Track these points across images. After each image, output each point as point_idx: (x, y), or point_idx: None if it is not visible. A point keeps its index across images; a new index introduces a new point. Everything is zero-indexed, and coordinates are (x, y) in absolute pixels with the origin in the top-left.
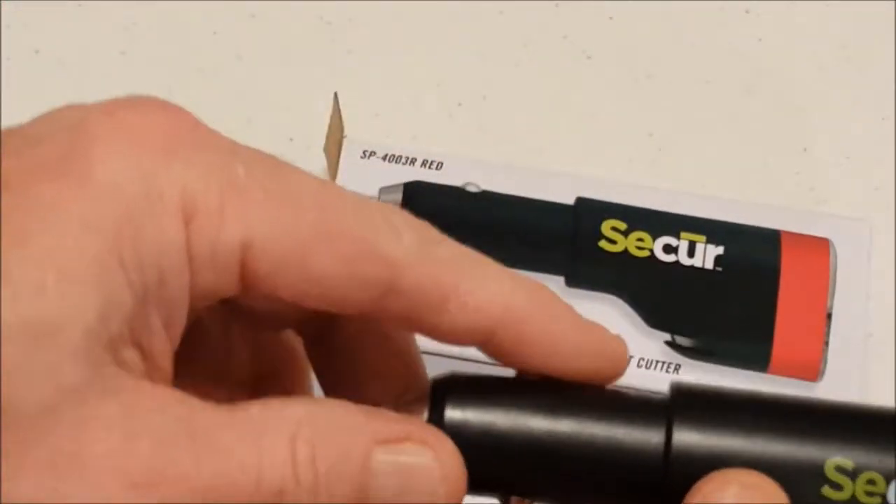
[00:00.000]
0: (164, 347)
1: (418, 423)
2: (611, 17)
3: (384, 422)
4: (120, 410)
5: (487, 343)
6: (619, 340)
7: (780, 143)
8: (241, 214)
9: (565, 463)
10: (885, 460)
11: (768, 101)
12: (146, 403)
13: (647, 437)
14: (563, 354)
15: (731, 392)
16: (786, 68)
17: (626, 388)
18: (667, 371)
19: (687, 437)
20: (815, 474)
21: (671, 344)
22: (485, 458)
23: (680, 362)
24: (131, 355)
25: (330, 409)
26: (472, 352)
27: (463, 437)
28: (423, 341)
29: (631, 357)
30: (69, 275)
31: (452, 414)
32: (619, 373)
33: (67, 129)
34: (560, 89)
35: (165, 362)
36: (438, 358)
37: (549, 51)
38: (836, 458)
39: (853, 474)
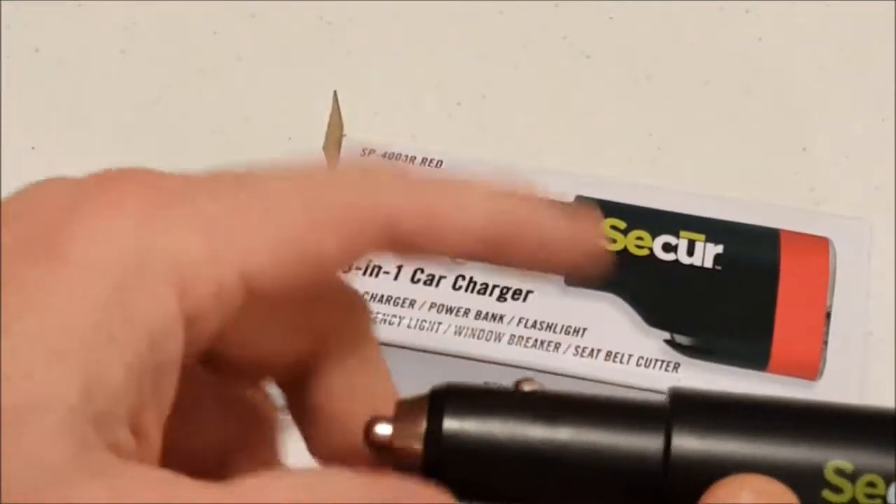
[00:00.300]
0: (153, 418)
1: (421, 487)
2: (610, 17)
3: (384, 488)
4: (109, 494)
5: (489, 254)
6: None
7: (779, 143)
8: (230, 251)
9: (565, 471)
10: (885, 462)
11: (768, 101)
12: (136, 486)
13: (646, 442)
14: (554, 250)
15: (729, 396)
16: (785, 68)
17: (625, 395)
18: (666, 370)
19: (686, 443)
20: (815, 477)
21: (670, 343)
22: (484, 467)
23: (679, 361)
24: (122, 434)
25: (328, 480)
26: (471, 350)
27: (461, 447)
28: (423, 341)
29: (630, 356)
30: (54, 356)
31: (450, 424)
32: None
33: (49, 207)
34: (559, 89)
35: (154, 433)
36: (438, 357)
37: (549, 51)
38: (835, 461)
39: (853, 477)
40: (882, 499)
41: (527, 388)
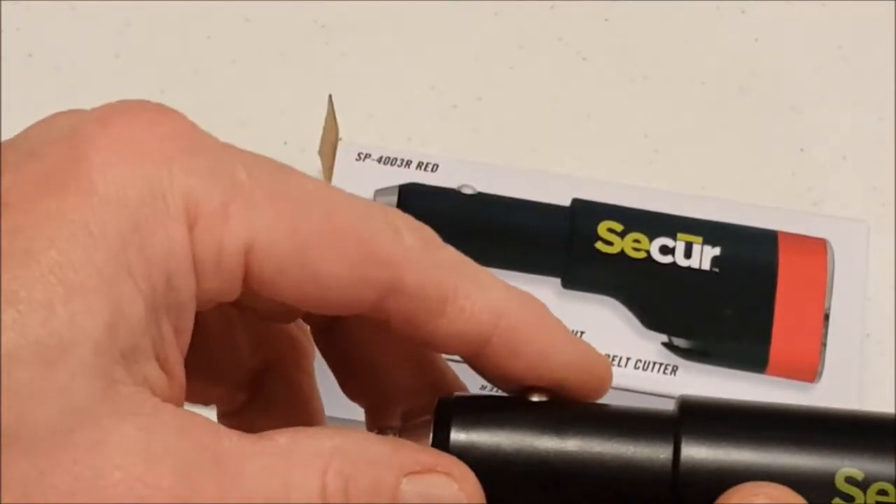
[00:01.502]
0: (176, 356)
1: (442, 456)
2: (606, 19)
3: (411, 453)
4: (138, 435)
5: (480, 352)
6: (605, 358)
7: (776, 144)
8: (244, 218)
9: (573, 482)
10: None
11: (765, 102)
12: (167, 427)
13: (655, 452)
14: (553, 367)
15: (738, 405)
16: (782, 68)
17: (632, 404)
18: (664, 373)
19: (695, 452)
20: (826, 486)
21: (668, 345)
22: (492, 479)
23: (677, 364)
24: (152, 370)
25: (358, 441)
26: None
27: (469, 460)
28: None
29: (628, 359)
30: (76, 289)
31: (458, 436)
32: (604, 390)
33: (64, 140)
34: (555, 91)
35: (179, 371)
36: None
37: (545, 52)
38: (846, 469)
39: (864, 485)
40: None
41: (534, 398)
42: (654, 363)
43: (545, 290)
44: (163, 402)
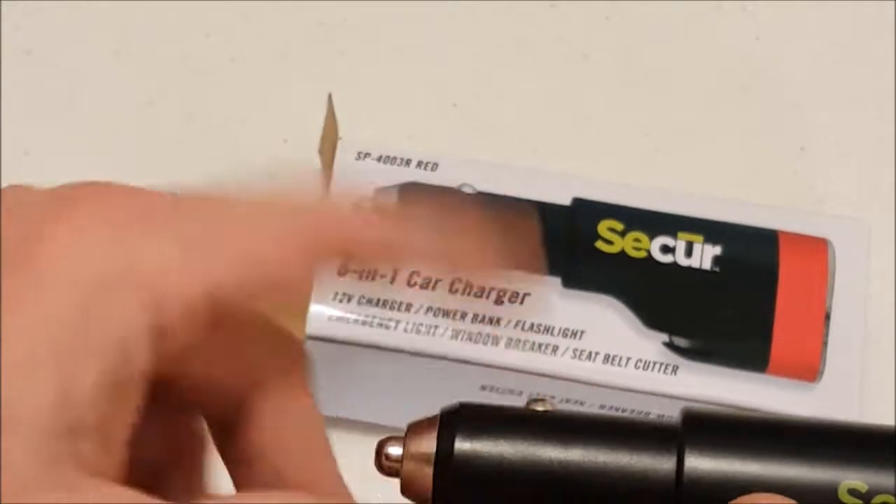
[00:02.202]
0: (122, 430)
1: None
2: (607, 17)
3: None
4: None
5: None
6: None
7: (777, 143)
8: (198, 268)
9: (577, 492)
10: None
11: (766, 101)
12: (92, 500)
13: (658, 463)
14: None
15: (741, 416)
16: (783, 67)
17: (638, 416)
18: (664, 372)
19: (699, 463)
20: (829, 497)
21: (669, 345)
22: (495, 488)
23: (678, 363)
24: (90, 446)
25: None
26: (468, 354)
27: (473, 468)
28: (420, 345)
29: (628, 359)
30: (28, 366)
31: (462, 445)
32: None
33: (19, 218)
34: (555, 89)
35: (120, 447)
36: (435, 361)
37: (545, 51)
38: (849, 481)
39: (867, 497)
40: None
41: (539, 408)
42: (655, 363)
43: (546, 290)
44: (91, 477)
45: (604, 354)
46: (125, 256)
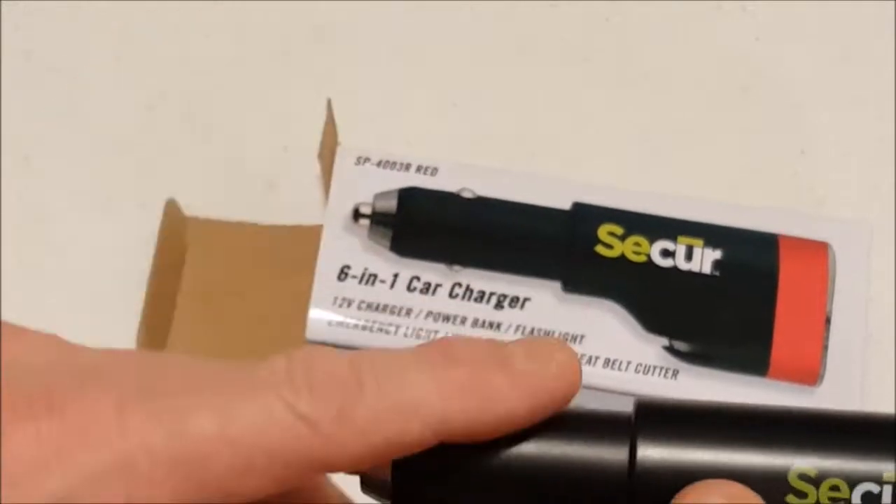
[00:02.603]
0: None
1: None
2: (607, 19)
3: None
4: None
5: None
6: (566, 369)
7: (777, 145)
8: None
9: (531, 485)
10: (847, 465)
11: (766, 103)
12: None
13: (610, 454)
14: (513, 425)
15: (694, 404)
16: (783, 69)
17: (592, 407)
18: (665, 377)
19: (650, 453)
20: (780, 483)
21: (669, 349)
22: (449, 483)
23: (678, 368)
24: None
25: None
26: None
27: (430, 465)
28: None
29: (628, 363)
30: None
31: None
32: (569, 400)
33: None
34: (556, 92)
35: None
36: None
37: (546, 53)
38: (799, 466)
39: (816, 481)
40: (846, 501)
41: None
42: (655, 367)
43: (546, 293)
44: None
45: (604, 358)
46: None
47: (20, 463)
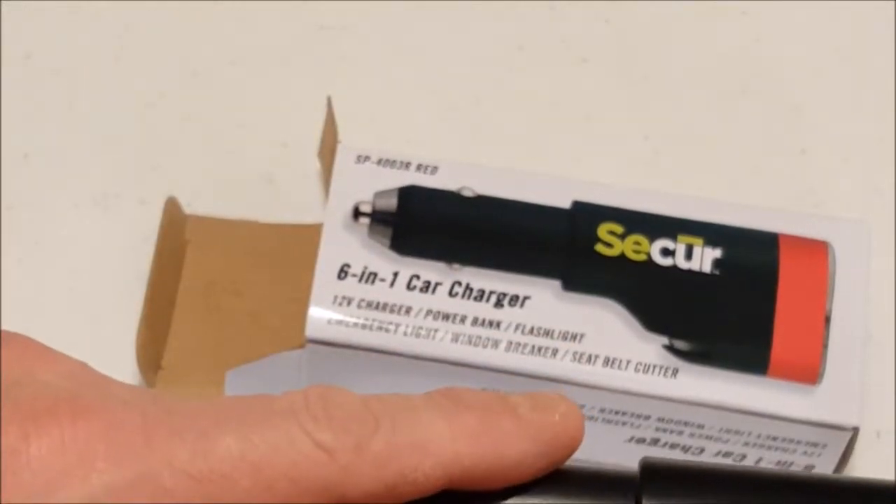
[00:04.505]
0: None
1: None
2: (606, 20)
3: None
4: None
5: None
6: (569, 419)
7: (777, 145)
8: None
9: None
10: None
11: (766, 103)
12: None
13: None
14: (521, 472)
15: (701, 467)
16: (783, 69)
17: (598, 466)
18: (665, 375)
19: None
20: None
21: (669, 348)
22: None
23: (678, 366)
24: None
25: None
26: (468, 357)
27: None
28: (420, 348)
29: (628, 362)
30: None
31: None
32: (573, 449)
33: None
34: (555, 92)
35: None
36: (435, 364)
37: (545, 54)
38: None
39: None
40: None
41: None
42: (655, 366)
43: (545, 292)
44: None
45: (604, 357)
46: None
47: (42, 470)
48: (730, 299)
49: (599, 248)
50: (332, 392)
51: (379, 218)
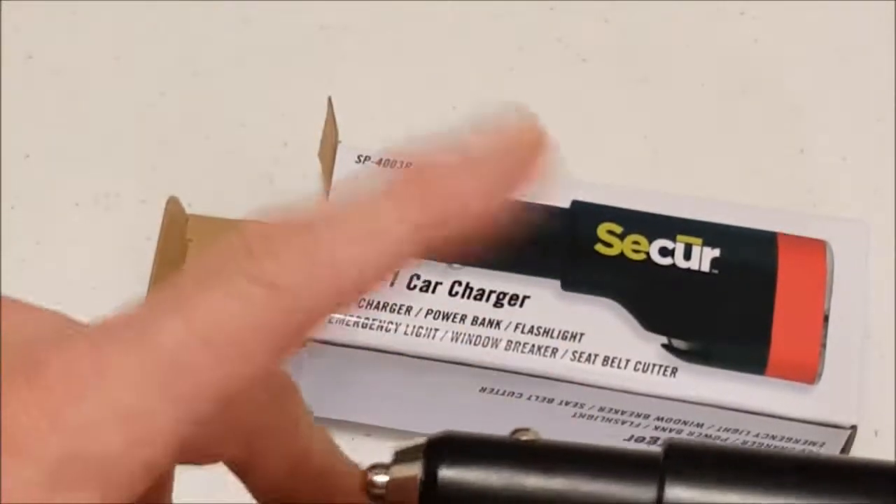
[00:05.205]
0: None
1: None
2: (606, 20)
3: None
4: None
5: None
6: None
7: (776, 145)
8: (150, 433)
9: None
10: None
11: (764, 103)
12: None
13: (638, 493)
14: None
15: (725, 448)
16: (782, 69)
17: (622, 446)
18: (664, 374)
19: (679, 493)
20: None
21: (668, 347)
22: None
23: (677, 365)
24: None
25: None
26: (468, 356)
27: (457, 496)
28: (420, 348)
29: (627, 361)
30: None
31: (446, 473)
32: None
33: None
34: (555, 92)
35: None
36: (435, 363)
37: (544, 53)
38: None
39: None
40: None
41: (523, 437)
42: (654, 365)
43: (544, 291)
44: None
45: (603, 356)
46: (72, 444)
47: (19, 432)
48: (728, 299)
49: (599, 247)
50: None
51: None
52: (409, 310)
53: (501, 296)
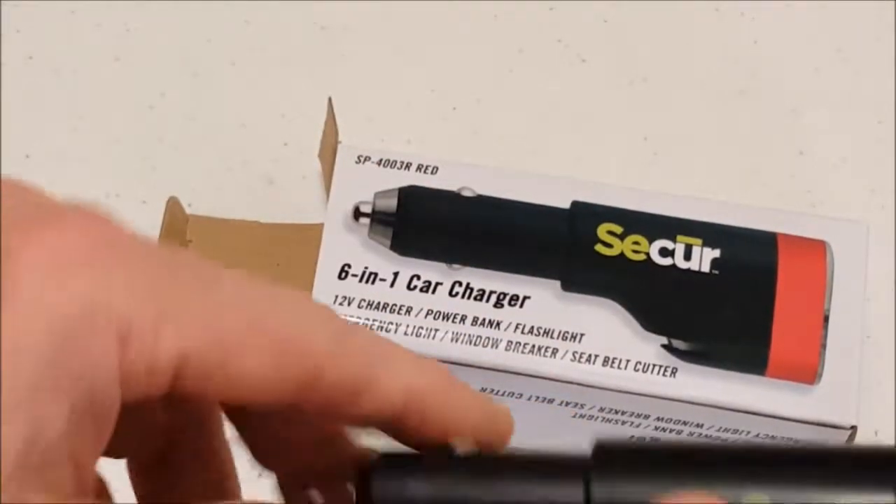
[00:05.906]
0: (93, 455)
1: None
2: (605, 21)
3: None
4: None
5: (393, 426)
6: (506, 410)
7: (775, 146)
8: (176, 330)
9: None
10: (800, 496)
11: (764, 104)
12: None
13: (567, 494)
14: (461, 429)
15: (651, 445)
16: (781, 70)
17: (553, 448)
18: (664, 375)
19: (604, 492)
20: None
21: (668, 347)
22: None
23: (677, 366)
24: (65, 474)
25: None
26: (468, 357)
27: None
28: (420, 348)
29: (627, 361)
30: (3, 401)
31: (378, 491)
32: (507, 440)
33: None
34: (555, 93)
35: (93, 470)
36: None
37: (544, 54)
38: (751, 495)
39: None
40: None
41: (457, 451)
42: (654, 365)
43: (545, 292)
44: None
45: (603, 357)
46: (105, 296)
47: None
48: (728, 299)
49: (599, 248)
50: None
51: (379, 218)
52: (409, 310)
53: (502, 296)
